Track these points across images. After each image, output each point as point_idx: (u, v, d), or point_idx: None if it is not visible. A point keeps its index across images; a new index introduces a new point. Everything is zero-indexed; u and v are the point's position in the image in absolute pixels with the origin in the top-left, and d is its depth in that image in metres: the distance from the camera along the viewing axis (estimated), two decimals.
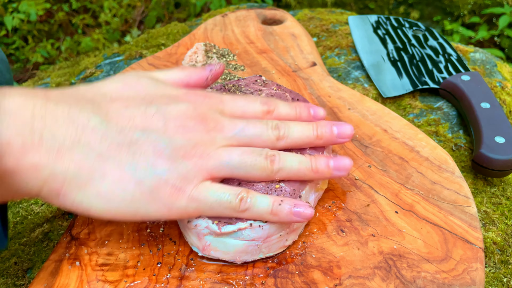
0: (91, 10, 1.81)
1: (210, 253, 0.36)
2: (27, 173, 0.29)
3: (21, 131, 0.28)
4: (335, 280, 0.35)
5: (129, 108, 0.34)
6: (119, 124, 0.33)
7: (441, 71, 0.59)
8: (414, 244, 0.37)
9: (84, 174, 0.30)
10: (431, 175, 0.43)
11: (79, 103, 0.32)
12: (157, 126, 0.33)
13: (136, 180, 0.32)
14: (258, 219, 0.34)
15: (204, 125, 0.35)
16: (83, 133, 0.31)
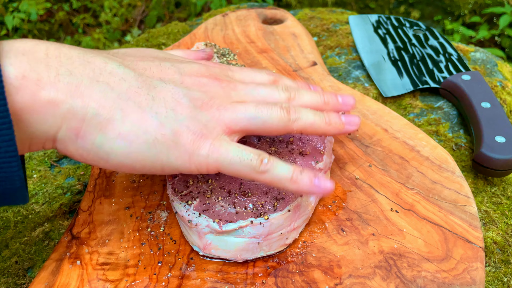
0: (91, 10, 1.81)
1: (211, 252, 0.36)
2: (45, 109, 0.27)
3: (35, 67, 0.27)
4: (335, 279, 0.35)
5: (144, 61, 0.34)
6: (136, 71, 0.33)
7: (441, 70, 0.59)
8: (414, 244, 0.37)
9: (105, 113, 0.29)
10: (431, 175, 0.43)
11: (93, 52, 0.32)
12: (174, 78, 0.34)
13: (158, 122, 0.31)
14: (276, 184, 0.33)
15: (218, 83, 0.36)
16: (101, 74, 0.30)
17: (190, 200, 0.37)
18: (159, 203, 0.42)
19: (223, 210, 0.36)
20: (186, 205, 0.36)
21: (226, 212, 0.36)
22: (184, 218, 0.36)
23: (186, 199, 0.37)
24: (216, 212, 0.36)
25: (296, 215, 0.37)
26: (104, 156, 0.30)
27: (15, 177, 0.27)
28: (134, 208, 0.41)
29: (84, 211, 0.41)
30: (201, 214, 0.35)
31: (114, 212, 0.41)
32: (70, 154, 0.31)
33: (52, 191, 0.48)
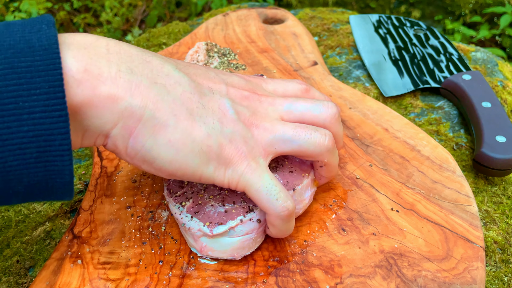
0: (92, 9, 1.82)
1: (208, 254, 0.36)
2: (104, 104, 0.27)
3: (97, 62, 0.27)
4: (336, 278, 0.35)
5: (191, 67, 0.35)
6: (189, 76, 0.33)
7: (442, 70, 0.59)
8: (415, 243, 0.37)
9: (160, 116, 0.29)
10: (432, 174, 0.43)
11: (149, 52, 0.32)
12: (220, 88, 0.34)
13: (206, 133, 0.31)
14: (283, 224, 0.35)
15: (258, 97, 0.36)
16: (158, 75, 0.30)
17: (184, 201, 0.37)
18: (160, 203, 0.42)
19: (213, 211, 0.35)
20: (180, 206, 0.36)
21: (216, 212, 0.35)
22: (179, 221, 0.36)
23: (180, 200, 0.37)
24: (207, 213, 0.35)
25: None
26: (150, 160, 0.30)
27: (66, 171, 0.27)
28: (135, 207, 0.41)
29: (85, 210, 0.42)
30: (193, 217, 0.35)
31: (115, 212, 0.41)
32: (118, 152, 0.31)
33: None
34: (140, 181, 0.44)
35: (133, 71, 0.29)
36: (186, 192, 0.37)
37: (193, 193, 0.37)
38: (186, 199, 0.37)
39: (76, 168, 0.51)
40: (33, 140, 0.25)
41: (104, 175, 0.45)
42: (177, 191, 0.38)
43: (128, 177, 0.45)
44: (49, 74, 0.25)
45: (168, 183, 0.39)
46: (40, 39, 0.26)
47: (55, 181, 0.27)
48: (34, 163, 0.25)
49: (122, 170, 0.45)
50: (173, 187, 0.38)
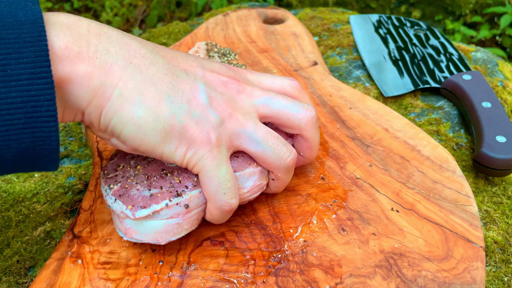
0: (92, 9, 1.82)
1: (132, 236, 0.35)
2: (80, 81, 0.29)
3: (77, 41, 0.29)
4: (336, 278, 0.35)
5: (172, 51, 0.36)
6: (165, 58, 0.34)
7: (442, 70, 0.59)
8: (415, 243, 0.37)
9: (127, 95, 0.30)
10: (432, 174, 0.43)
11: (130, 35, 0.34)
12: (196, 71, 0.35)
13: (171, 112, 0.32)
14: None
15: (236, 85, 0.36)
16: (135, 57, 0.31)
17: (112, 184, 0.36)
18: None
19: (138, 194, 0.35)
20: (107, 189, 0.36)
21: (141, 196, 0.34)
22: (107, 203, 0.36)
23: (110, 182, 0.36)
24: (131, 197, 0.35)
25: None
26: (116, 135, 0.32)
27: (52, 137, 0.28)
28: None
29: (85, 210, 0.42)
30: (117, 199, 0.35)
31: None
32: (92, 128, 0.32)
33: (54, 191, 0.49)
34: None
35: (110, 52, 0.30)
36: (117, 175, 0.37)
37: (123, 177, 0.37)
38: (115, 182, 0.36)
39: (76, 168, 0.51)
40: (21, 106, 0.26)
41: None
42: (110, 173, 0.37)
43: None
44: (35, 45, 0.26)
45: (106, 165, 0.38)
46: (26, 14, 0.27)
47: (42, 147, 0.28)
48: (22, 129, 0.27)
49: None
50: (108, 168, 0.38)
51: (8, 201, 0.47)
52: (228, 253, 0.37)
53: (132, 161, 0.38)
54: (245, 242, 0.38)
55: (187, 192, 0.35)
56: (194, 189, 0.35)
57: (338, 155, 0.46)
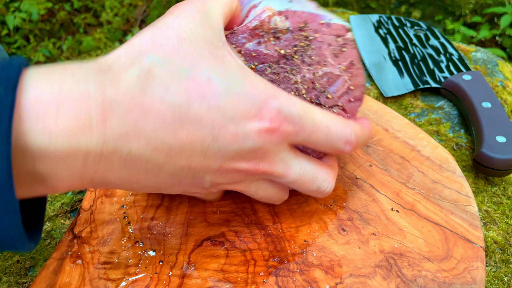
0: (92, 9, 1.82)
1: None
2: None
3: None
4: (336, 278, 0.35)
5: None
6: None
7: (442, 70, 0.59)
8: (415, 243, 0.37)
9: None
10: (432, 175, 0.43)
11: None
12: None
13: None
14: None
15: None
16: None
17: None
18: (160, 203, 0.42)
19: None
20: None
21: None
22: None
23: None
24: None
25: None
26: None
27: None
28: (135, 207, 0.41)
29: (86, 210, 0.42)
30: None
31: (115, 212, 0.41)
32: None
33: None
34: None
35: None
36: None
37: None
38: None
39: None
40: None
41: None
42: None
43: None
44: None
45: None
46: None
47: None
48: None
49: None
50: None
51: None
52: (228, 253, 0.37)
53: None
54: (245, 242, 0.38)
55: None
56: None
57: (338, 155, 0.46)
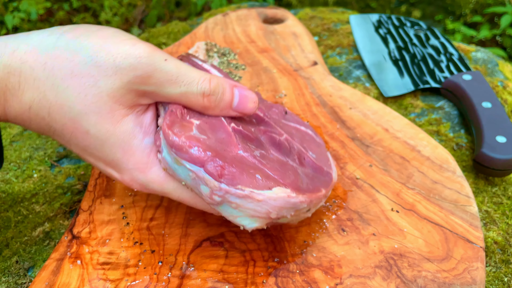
0: (91, 9, 1.81)
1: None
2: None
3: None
4: (336, 279, 0.35)
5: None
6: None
7: (442, 70, 0.59)
8: (415, 244, 0.37)
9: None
10: (432, 175, 0.43)
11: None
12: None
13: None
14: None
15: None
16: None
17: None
18: (159, 203, 0.42)
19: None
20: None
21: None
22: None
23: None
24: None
25: None
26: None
27: None
28: (135, 208, 0.41)
29: (85, 210, 0.41)
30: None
31: (114, 212, 0.41)
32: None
33: (53, 191, 0.48)
34: None
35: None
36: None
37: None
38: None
39: (75, 168, 0.51)
40: None
41: (103, 175, 0.45)
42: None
43: None
44: None
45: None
46: None
47: None
48: None
49: None
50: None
51: (7, 202, 0.47)
52: (227, 253, 0.37)
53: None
54: (244, 243, 0.38)
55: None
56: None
57: (338, 155, 0.45)
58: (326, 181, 0.37)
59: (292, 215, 0.34)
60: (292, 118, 0.43)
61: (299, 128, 0.42)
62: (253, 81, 0.56)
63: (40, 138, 0.56)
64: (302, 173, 0.36)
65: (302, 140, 0.40)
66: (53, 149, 0.54)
